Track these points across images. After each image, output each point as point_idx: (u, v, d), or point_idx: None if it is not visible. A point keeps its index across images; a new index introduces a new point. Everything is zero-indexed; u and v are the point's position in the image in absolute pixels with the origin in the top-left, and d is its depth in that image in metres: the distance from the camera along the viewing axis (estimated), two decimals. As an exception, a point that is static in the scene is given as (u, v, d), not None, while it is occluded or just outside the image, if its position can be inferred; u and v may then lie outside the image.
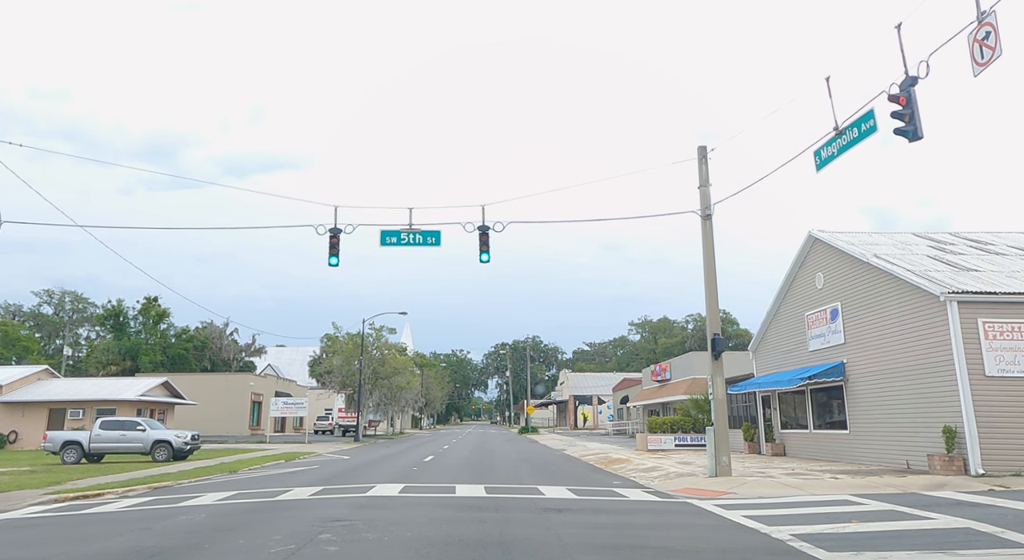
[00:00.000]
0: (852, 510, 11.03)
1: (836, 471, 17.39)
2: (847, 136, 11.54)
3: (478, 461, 25.03)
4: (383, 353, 48.75)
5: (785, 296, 24.64)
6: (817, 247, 22.12)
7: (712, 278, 17.38)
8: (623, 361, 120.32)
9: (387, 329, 48.60)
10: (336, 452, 32.18)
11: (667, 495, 14.09)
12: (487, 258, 17.01)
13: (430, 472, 19.82)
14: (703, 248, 17.56)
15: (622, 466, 22.22)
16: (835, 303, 20.92)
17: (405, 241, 16.75)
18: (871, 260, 18.65)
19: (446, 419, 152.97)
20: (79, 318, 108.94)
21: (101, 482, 17.25)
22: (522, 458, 27.61)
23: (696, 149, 18.02)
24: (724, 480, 15.80)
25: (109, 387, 39.94)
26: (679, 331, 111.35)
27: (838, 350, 20.83)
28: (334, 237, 16.63)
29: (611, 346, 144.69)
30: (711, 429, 16.79)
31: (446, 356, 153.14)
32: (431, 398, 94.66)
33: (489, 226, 17.11)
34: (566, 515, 11.05)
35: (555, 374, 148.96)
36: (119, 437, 26.10)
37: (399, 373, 49.65)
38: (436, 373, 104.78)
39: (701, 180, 17.79)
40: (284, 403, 44.53)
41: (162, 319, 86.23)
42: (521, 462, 24.95)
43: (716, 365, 17.04)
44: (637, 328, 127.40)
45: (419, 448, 36.11)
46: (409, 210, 16.88)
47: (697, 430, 31.28)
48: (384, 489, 14.56)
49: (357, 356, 46.08)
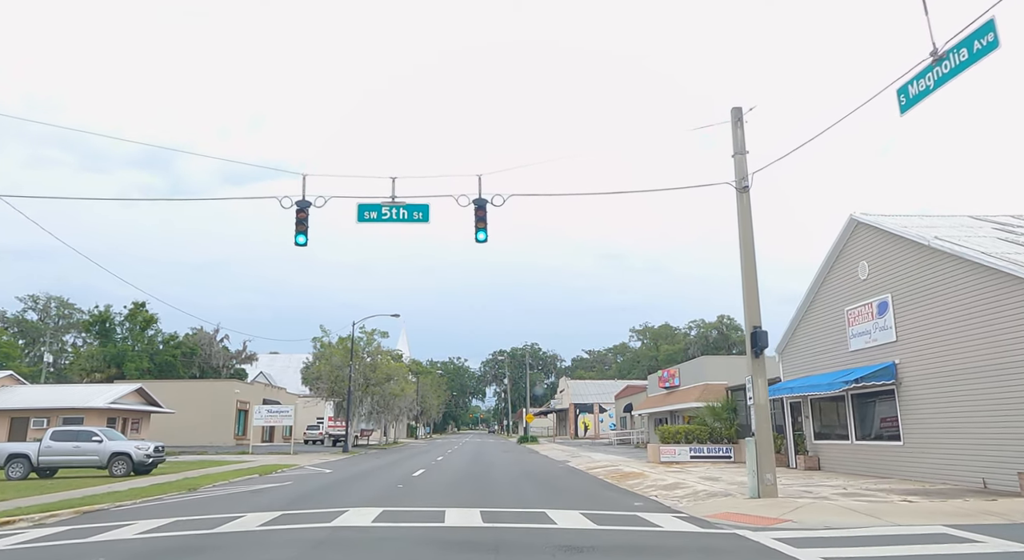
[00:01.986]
0: (970, 552, 8.30)
1: (899, 491, 14.64)
2: (950, 61, 8.91)
3: (475, 476, 22.25)
4: (375, 358, 45.91)
5: (819, 290, 21.95)
6: (861, 233, 19.45)
7: (751, 259, 14.69)
8: (624, 368, 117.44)
9: (379, 333, 45.95)
10: (319, 465, 29.37)
11: (707, 523, 11.34)
12: (484, 237, 14.29)
13: (418, 490, 17.05)
14: (739, 225, 14.88)
15: (638, 482, 19.46)
16: (884, 295, 18.22)
17: (387, 216, 14.03)
18: (933, 243, 15.97)
19: (443, 428, 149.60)
20: (65, 324, 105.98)
21: (22, 505, 14.44)
22: (523, 471, 24.85)
23: (730, 112, 15.37)
24: (770, 502, 13.06)
25: (76, 394, 37.08)
26: (681, 338, 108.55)
27: (888, 349, 18.12)
28: (301, 212, 13.91)
29: (611, 353, 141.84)
30: (751, 441, 14.06)
31: (443, 364, 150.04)
32: (427, 406, 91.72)
33: (487, 199, 14.41)
34: (591, 558, 8.31)
35: (554, 382, 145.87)
36: (72, 449, 23.28)
37: (392, 379, 46.77)
38: (432, 381, 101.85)
39: (736, 147, 15.14)
40: (268, 411, 41.72)
41: (149, 325, 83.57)
42: (523, 476, 22.18)
43: (757, 364, 14.31)
44: (638, 335, 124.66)
45: (411, 460, 33.29)
46: (392, 180, 14.17)
47: (715, 440, 28.52)
48: (356, 516, 11.78)
49: (347, 361, 43.30)
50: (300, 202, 13.86)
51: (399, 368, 59.61)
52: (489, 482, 19.76)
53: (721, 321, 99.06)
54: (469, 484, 18.96)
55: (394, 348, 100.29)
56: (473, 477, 21.71)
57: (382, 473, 23.70)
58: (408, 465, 28.34)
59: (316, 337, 44.07)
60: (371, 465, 28.66)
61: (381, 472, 24.20)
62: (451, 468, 26.49)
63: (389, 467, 27.14)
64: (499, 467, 27.25)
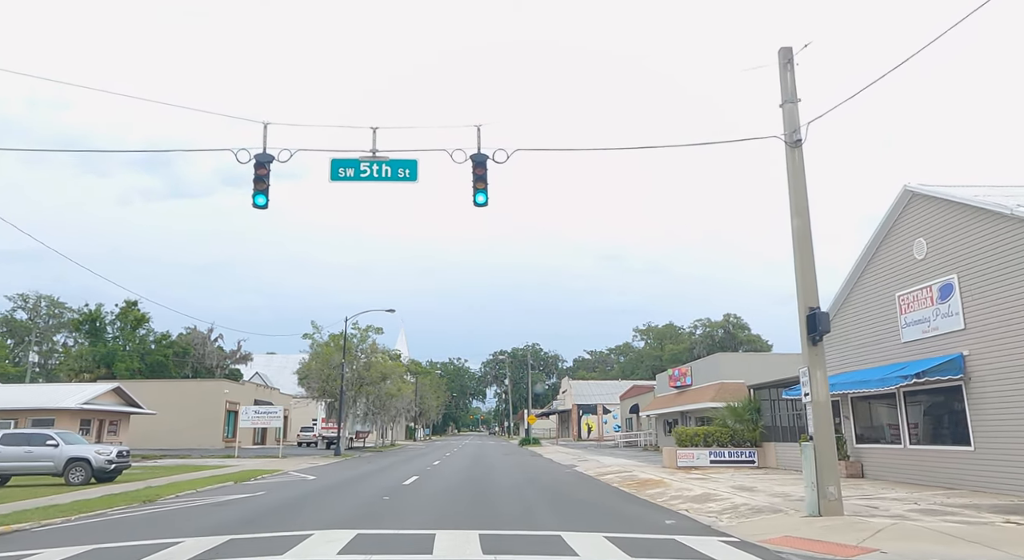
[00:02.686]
0: None
1: (987, 508, 12.13)
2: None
3: (474, 484, 19.77)
4: (369, 356, 43.39)
5: (862, 275, 19.46)
6: (916, 206, 16.96)
7: (805, 228, 12.20)
8: (627, 369, 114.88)
9: (373, 329, 43.38)
10: (304, 470, 26.90)
11: (769, 552, 8.87)
12: (484, 199, 11.79)
13: (406, 505, 14.56)
14: (790, 186, 12.40)
15: (659, 492, 16.98)
16: (947, 277, 15.73)
17: (366, 174, 11.54)
18: (1017, 211, 13.46)
19: (443, 430, 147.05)
20: (55, 324, 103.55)
21: (-74, 524, 11.95)
22: (528, 477, 22.38)
23: (777, 53, 12.88)
24: (838, 523, 10.57)
25: (47, 394, 34.61)
26: (686, 337, 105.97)
27: (952, 339, 15.62)
28: (261, 167, 11.42)
29: (614, 354, 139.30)
30: (809, 446, 11.55)
31: (443, 365, 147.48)
32: (426, 408, 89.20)
33: (487, 155, 11.92)
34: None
35: (556, 383, 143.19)
36: (23, 454, 20.81)
37: (387, 379, 44.26)
38: (432, 381, 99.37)
39: (785, 95, 12.65)
40: (256, 412, 39.24)
41: (140, 324, 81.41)
42: (528, 484, 19.70)
43: (815, 353, 11.80)
44: (641, 335, 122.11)
45: (405, 465, 30.81)
46: (372, 131, 11.67)
47: (736, 443, 26.04)
48: (319, 545, 9.27)
49: (339, 359, 40.83)
50: (260, 156, 11.37)
51: (395, 367, 57.15)
52: (490, 493, 17.26)
53: (728, 320, 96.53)
54: (467, 496, 16.47)
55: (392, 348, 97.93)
56: (472, 486, 19.22)
57: (370, 481, 21.22)
58: (400, 471, 25.88)
59: (307, 333, 41.64)
60: (360, 471, 26.18)
61: (369, 479, 21.72)
62: (448, 474, 24.03)
63: (379, 473, 24.66)
64: (501, 473, 24.78)
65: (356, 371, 42.45)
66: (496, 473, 24.90)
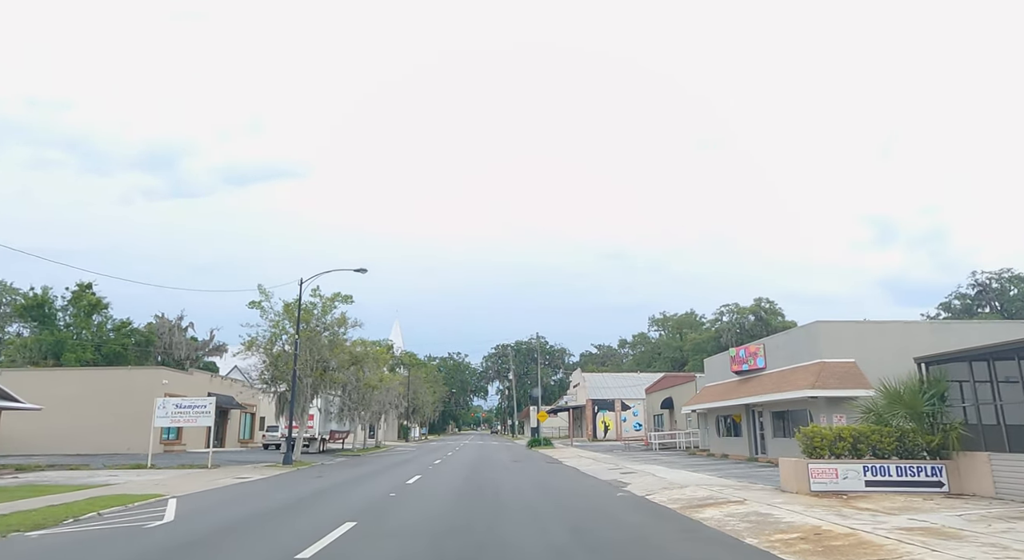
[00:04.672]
0: None
1: None
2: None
3: (467, 535, 9.52)
4: (334, 332, 32.94)
5: None
6: None
7: None
8: (643, 361, 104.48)
9: (342, 297, 32.95)
10: (201, 493, 16.67)
11: None
12: None
13: None
14: None
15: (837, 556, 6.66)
16: None
17: None
18: None
19: (442, 428, 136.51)
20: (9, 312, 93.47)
21: None
22: (557, 506, 12.37)
23: None
24: None
25: None
26: (709, 326, 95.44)
27: None
28: None
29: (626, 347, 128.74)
30: None
31: (442, 360, 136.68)
32: (420, 403, 78.84)
33: None
34: None
35: (562, 379, 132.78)
36: None
37: (359, 364, 33.65)
38: (427, 374, 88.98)
39: None
40: (177, 407, 29.02)
41: (96, 310, 71.50)
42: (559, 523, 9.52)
43: None
44: (658, 325, 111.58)
45: (370, 481, 20.50)
46: None
47: (906, 452, 15.65)
48: None
49: (292, 337, 30.56)
50: None
51: (376, 352, 46.86)
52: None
53: (759, 305, 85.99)
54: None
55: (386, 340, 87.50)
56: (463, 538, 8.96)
57: (274, 524, 10.92)
58: (353, 496, 15.56)
59: (254, 301, 31.22)
60: (284, 498, 15.80)
61: (276, 520, 11.43)
62: (428, 501, 13.77)
63: (313, 502, 14.34)
64: (511, 495, 14.56)
65: (317, 352, 32.09)
66: (504, 495, 14.69)
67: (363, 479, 21.54)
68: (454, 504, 14.07)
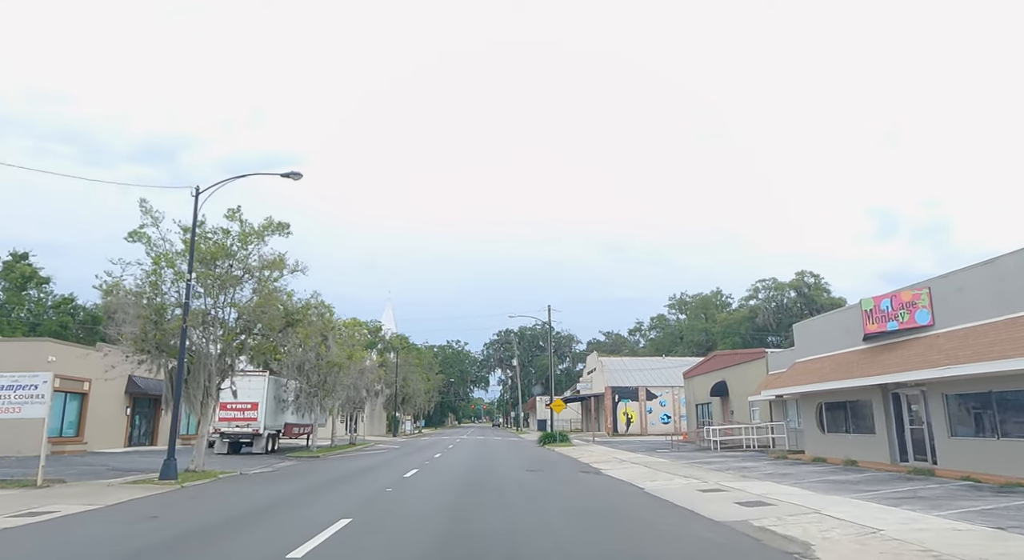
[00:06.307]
0: None
1: None
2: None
3: None
4: (263, 278, 21.70)
5: None
6: None
7: None
8: (663, 346, 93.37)
9: (276, 226, 21.73)
10: None
11: None
12: None
13: None
14: None
15: None
16: None
17: None
18: None
19: (440, 421, 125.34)
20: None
21: None
22: None
23: None
24: None
25: None
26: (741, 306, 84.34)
27: None
28: None
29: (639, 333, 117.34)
30: None
31: (440, 348, 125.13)
32: (411, 392, 67.85)
33: None
34: None
35: (569, 368, 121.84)
36: None
37: (295, 325, 22.08)
38: (420, 360, 77.95)
39: None
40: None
41: (31, 282, 61.04)
42: None
43: None
44: (679, 307, 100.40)
45: (241, 532, 9.59)
46: None
47: None
48: None
49: (181, 276, 19.56)
50: None
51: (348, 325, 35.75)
52: None
53: (801, 279, 74.80)
54: None
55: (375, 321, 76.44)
56: None
57: None
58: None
59: (134, 231, 20.16)
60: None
61: None
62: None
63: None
64: None
65: (232, 303, 21.06)
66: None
67: (269, 511, 10.55)
68: None
